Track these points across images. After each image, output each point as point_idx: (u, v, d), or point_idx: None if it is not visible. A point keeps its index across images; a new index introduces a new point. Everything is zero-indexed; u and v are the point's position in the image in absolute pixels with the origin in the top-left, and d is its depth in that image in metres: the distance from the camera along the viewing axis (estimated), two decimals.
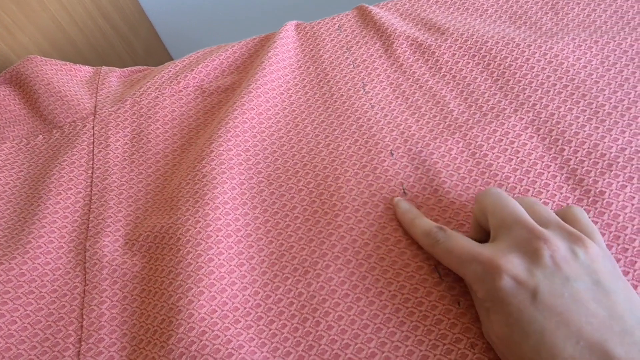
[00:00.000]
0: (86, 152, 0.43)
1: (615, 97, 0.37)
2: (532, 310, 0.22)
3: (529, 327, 0.22)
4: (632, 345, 0.21)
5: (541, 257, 0.24)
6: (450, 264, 0.28)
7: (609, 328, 0.21)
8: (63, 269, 0.36)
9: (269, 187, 0.38)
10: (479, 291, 0.25)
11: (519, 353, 0.23)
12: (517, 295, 0.23)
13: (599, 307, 0.22)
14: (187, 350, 0.29)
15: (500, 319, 0.24)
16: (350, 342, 0.30)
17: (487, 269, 0.25)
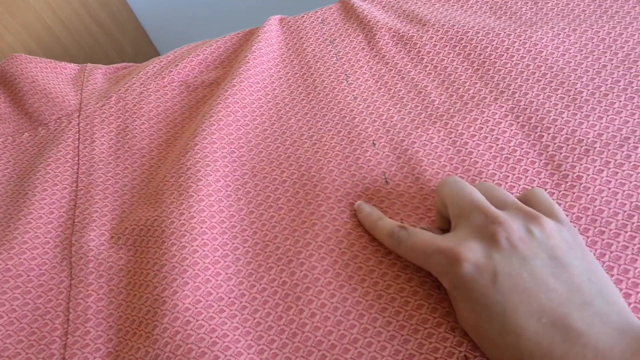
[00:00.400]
0: (72, 149, 0.43)
1: (593, 84, 0.38)
2: (494, 292, 0.23)
3: (492, 310, 0.23)
4: (593, 316, 0.21)
5: (497, 240, 0.24)
6: (417, 261, 0.29)
7: (570, 301, 0.22)
8: (49, 263, 0.36)
9: (253, 179, 0.38)
10: (444, 282, 0.26)
11: (487, 337, 0.23)
12: (478, 280, 0.24)
13: (558, 282, 0.22)
14: (172, 339, 0.30)
15: (466, 306, 0.24)
16: (333, 329, 0.30)
17: (449, 259, 0.25)
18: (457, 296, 0.26)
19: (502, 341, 0.22)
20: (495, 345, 0.23)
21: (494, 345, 0.23)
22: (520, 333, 0.22)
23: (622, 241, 0.30)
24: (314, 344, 0.30)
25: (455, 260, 0.25)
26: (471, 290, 0.24)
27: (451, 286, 0.26)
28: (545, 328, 0.21)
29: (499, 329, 0.22)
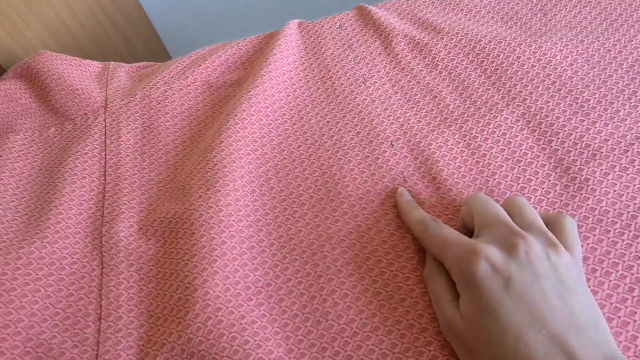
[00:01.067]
0: (98, 143, 0.45)
1: (599, 92, 0.40)
2: (504, 295, 0.25)
3: (498, 311, 0.24)
4: (586, 340, 0.23)
5: (517, 252, 0.26)
6: (434, 248, 0.30)
7: (569, 323, 0.24)
8: (80, 252, 0.38)
9: (277, 175, 0.40)
10: (455, 274, 0.27)
11: (485, 334, 0.25)
12: (492, 280, 0.25)
13: (562, 303, 0.25)
14: (204, 325, 0.32)
15: (470, 300, 0.26)
16: (355, 317, 0.32)
17: (467, 252, 0.27)
18: (463, 290, 0.27)
19: (500, 341, 0.24)
20: (490, 344, 0.24)
21: (489, 344, 0.24)
22: (521, 337, 0.23)
23: (626, 240, 0.32)
24: (337, 331, 0.31)
25: (475, 256, 0.27)
26: (481, 287, 0.26)
27: (462, 280, 0.27)
28: (544, 339, 0.23)
29: (501, 329, 0.24)
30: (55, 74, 0.49)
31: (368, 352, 0.30)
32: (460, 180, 0.37)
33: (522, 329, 0.24)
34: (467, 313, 0.26)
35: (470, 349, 0.26)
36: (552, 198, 0.35)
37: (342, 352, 0.31)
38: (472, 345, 0.26)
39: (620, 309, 0.30)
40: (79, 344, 0.33)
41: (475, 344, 0.25)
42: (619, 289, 0.31)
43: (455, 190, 0.36)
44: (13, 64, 0.56)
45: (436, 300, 0.29)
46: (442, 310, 0.28)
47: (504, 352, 0.23)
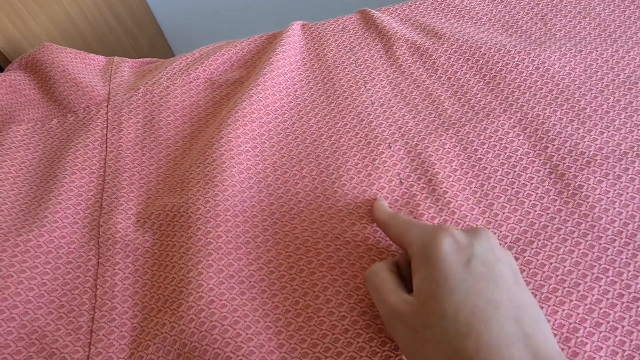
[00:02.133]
0: (100, 136, 0.45)
1: (596, 101, 0.41)
2: (464, 271, 0.25)
3: (457, 285, 0.24)
4: (538, 329, 0.24)
5: (480, 235, 0.27)
6: (399, 230, 0.31)
7: (524, 309, 0.24)
8: (77, 242, 0.38)
9: (274, 173, 0.40)
10: (416, 249, 0.27)
11: (438, 309, 0.24)
12: (454, 255, 0.26)
13: (517, 290, 0.25)
14: (196, 316, 0.32)
15: (428, 275, 0.26)
16: (346, 314, 0.32)
17: (433, 229, 0.28)
18: (421, 266, 0.26)
19: (454, 315, 0.23)
20: (442, 318, 0.24)
21: (441, 318, 0.24)
22: (476, 313, 0.23)
23: (617, 246, 0.33)
24: (328, 328, 0.32)
25: (441, 232, 0.27)
26: (443, 262, 0.25)
27: (422, 255, 0.27)
28: (500, 317, 0.23)
29: (456, 304, 0.24)
30: (59, 66, 0.50)
31: (358, 349, 0.30)
32: (455, 183, 0.37)
33: (479, 306, 0.24)
34: (422, 289, 0.26)
35: (417, 330, 0.25)
36: (545, 203, 0.35)
37: (332, 349, 0.31)
38: (421, 324, 0.25)
39: (609, 314, 0.30)
40: (73, 332, 0.33)
41: (425, 321, 0.25)
42: (608, 295, 0.31)
43: (450, 193, 0.37)
44: (18, 55, 0.57)
45: (378, 292, 0.28)
46: (385, 299, 0.27)
47: (457, 328, 0.23)
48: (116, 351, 0.32)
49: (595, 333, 0.30)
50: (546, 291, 0.31)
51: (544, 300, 0.31)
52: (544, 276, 0.32)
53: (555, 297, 0.31)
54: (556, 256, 0.33)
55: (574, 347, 0.29)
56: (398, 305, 0.26)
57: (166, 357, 0.31)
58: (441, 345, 0.24)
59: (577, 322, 0.30)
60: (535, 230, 0.34)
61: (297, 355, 0.31)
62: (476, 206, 0.36)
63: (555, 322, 0.30)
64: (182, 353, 0.31)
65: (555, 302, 0.31)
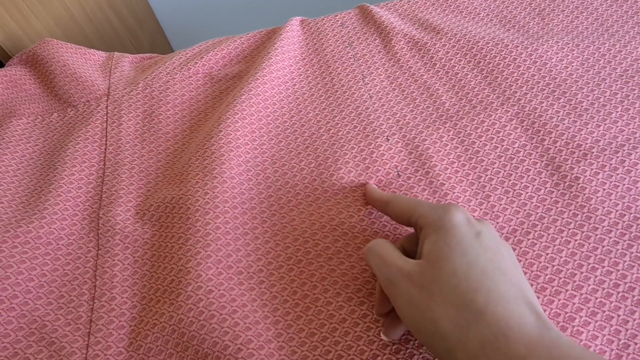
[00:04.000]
0: (100, 130, 0.45)
1: (593, 95, 0.41)
2: (475, 241, 0.26)
3: (468, 249, 0.26)
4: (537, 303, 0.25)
5: (487, 223, 0.29)
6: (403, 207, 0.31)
7: (524, 284, 0.25)
8: (77, 234, 0.39)
9: (273, 165, 0.41)
10: (428, 219, 0.28)
11: (449, 267, 0.25)
12: (466, 227, 0.27)
13: (517, 271, 0.26)
14: (195, 306, 0.32)
15: (439, 240, 0.26)
16: (344, 304, 0.32)
17: (446, 205, 0.29)
18: (433, 233, 0.27)
19: (467, 272, 0.25)
20: (453, 275, 0.25)
21: (453, 274, 0.25)
22: (487, 273, 0.25)
23: (613, 237, 0.33)
24: (326, 317, 0.32)
25: (454, 207, 0.28)
26: (456, 229, 0.26)
27: (434, 224, 0.27)
28: (505, 282, 0.25)
29: (468, 263, 0.25)
30: (60, 61, 0.50)
31: (355, 338, 0.31)
32: (453, 176, 0.37)
33: (488, 268, 0.25)
34: (432, 251, 0.26)
35: (424, 286, 0.25)
36: (542, 195, 0.36)
37: (329, 338, 0.31)
38: (429, 281, 0.25)
39: (605, 304, 0.30)
40: (72, 322, 0.34)
41: (434, 278, 0.25)
42: (604, 284, 0.31)
43: (447, 185, 0.37)
44: (19, 51, 0.57)
45: (381, 258, 0.28)
46: (390, 261, 0.28)
47: (467, 283, 0.24)
48: (115, 340, 0.32)
49: (591, 322, 0.30)
50: (542, 281, 0.32)
51: (540, 290, 0.31)
52: (540, 266, 0.32)
53: (552, 287, 0.31)
54: (552, 247, 0.33)
55: (570, 336, 0.29)
56: (405, 266, 0.27)
57: (165, 346, 0.32)
58: (449, 298, 0.24)
59: (573, 312, 0.30)
60: (532, 222, 0.34)
61: (294, 344, 0.31)
62: (473, 198, 0.36)
63: (551, 312, 0.30)
64: (181, 342, 0.31)
65: (552, 292, 0.31)
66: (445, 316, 0.24)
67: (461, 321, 0.23)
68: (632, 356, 0.28)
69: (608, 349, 0.29)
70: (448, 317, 0.24)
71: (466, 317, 0.23)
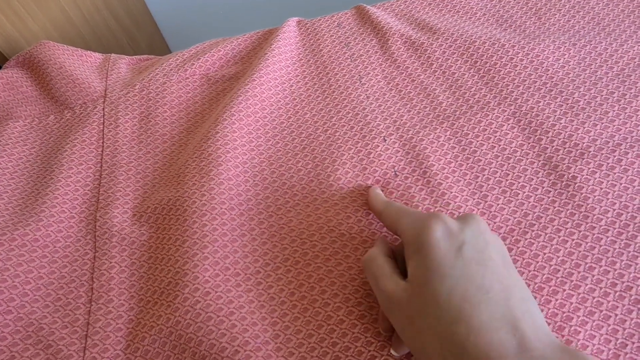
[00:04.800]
0: (97, 132, 0.45)
1: (589, 94, 0.41)
2: (456, 257, 0.25)
3: (448, 272, 0.25)
4: (527, 311, 0.24)
5: (471, 220, 0.28)
6: (392, 218, 0.31)
7: (512, 291, 0.25)
8: (74, 236, 0.38)
9: (270, 166, 0.40)
10: (409, 237, 0.28)
11: (432, 296, 0.25)
12: (446, 242, 0.26)
13: (507, 273, 0.26)
14: (192, 308, 0.32)
15: (420, 264, 0.26)
16: (342, 305, 0.32)
17: (426, 217, 0.28)
18: (414, 254, 0.27)
19: (447, 300, 0.24)
20: (436, 305, 0.24)
21: (435, 305, 0.24)
22: (467, 298, 0.24)
23: (610, 236, 0.33)
24: (323, 319, 0.32)
25: (433, 219, 0.27)
26: (435, 249, 0.26)
27: (414, 243, 0.27)
28: (489, 301, 0.24)
29: (448, 289, 0.24)
30: (56, 63, 0.50)
31: (353, 339, 0.31)
32: (450, 176, 0.37)
33: (469, 291, 0.24)
34: (416, 277, 0.26)
35: (413, 316, 0.25)
36: (539, 195, 0.36)
37: (327, 339, 0.31)
38: (416, 311, 0.25)
39: (602, 303, 0.30)
40: (69, 324, 0.34)
41: (420, 308, 0.25)
42: (601, 284, 0.31)
43: (445, 185, 0.37)
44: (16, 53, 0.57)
45: (375, 279, 0.28)
46: (382, 286, 0.28)
47: (449, 313, 0.24)
48: (112, 343, 0.32)
49: (588, 322, 0.30)
50: (539, 281, 0.32)
51: (538, 290, 0.31)
52: (537, 266, 0.32)
53: (549, 286, 0.31)
54: (550, 246, 0.33)
55: (567, 336, 0.29)
56: (395, 294, 0.27)
57: (162, 349, 0.32)
58: (435, 331, 0.24)
59: (570, 311, 0.30)
60: (529, 221, 0.34)
61: (292, 345, 0.31)
62: (470, 197, 0.36)
63: (548, 312, 0.30)
64: (178, 344, 0.31)
65: (549, 292, 0.31)
66: (433, 347, 0.24)
67: (446, 354, 0.23)
68: (630, 355, 0.28)
69: (605, 348, 0.29)
70: (435, 350, 0.24)
71: (450, 351, 0.23)
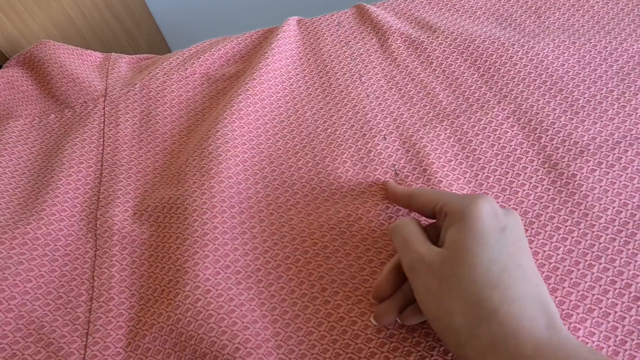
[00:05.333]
0: (97, 130, 0.45)
1: (589, 92, 0.41)
2: (499, 235, 0.26)
3: (492, 244, 0.25)
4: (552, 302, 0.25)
5: (513, 212, 0.28)
6: (428, 197, 0.31)
7: (542, 282, 0.26)
8: (75, 235, 0.39)
9: (270, 165, 0.41)
10: (453, 208, 0.28)
11: (471, 260, 0.25)
12: (492, 220, 0.26)
13: (534, 267, 0.27)
14: (193, 306, 0.32)
15: (464, 231, 0.26)
16: (342, 303, 0.32)
17: (473, 195, 0.28)
18: (457, 223, 0.27)
19: (487, 268, 0.25)
20: (473, 268, 0.25)
21: (473, 268, 0.25)
22: (507, 270, 0.25)
23: (610, 234, 0.33)
24: (324, 316, 0.32)
25: (481, 198, 0.27)
26: (482, 222, 0.26)
27: (458, 214, 0.27)
28: (525, 279, 0.25)
29: (490, 259, 0.25)
30: (57, 62, 0.50)
31: (353, 336, 0.31)
32: (450, 173, 0.38)
33: (509, 266, 0.25)
34: (455, 242, 0.26)
35: (443, 278, 0.25)
36: (539, 192, 0.36)
37: (327, 336, 0.31)
38: (449, 273, 0.25)
39: (601, 301, 0.30)
40: (70, 322, 0.34)
41: (454, 271, 0.25)
42: (601, 281, 0.31)
43: (445, 183, 0.37)
44: (16, 52, 0.57)
45: (405, 241, 0.28)
46: (414, 248, 0.28)
47: (486, 279, 0.24)
48: (113, 340, 0.32)
49: (587, 319, 0.30)
50: None
51: None
52: (537, 264, 0.32)
53: (548, 284, 0.31)
54: (549, 244, 0.33)
55: None
56: (427, 255, 0.27)
57: (162, 346, 0.32)
58: (465, 293, 0.24)
59: (570, 309, 0.30)
60: (529, 219, 0.34)
61: (292, 343, 0.31)
62: None
63: None
64: (179, 342, 0.31)
65: (548, 289, 0.31)
66: (459, 311, 0.24)
67: (473, 318, 0.24)
68: (629, 352, 0.28)
69: (605, 345, 0.29)
70: (462, 312, 0.24)
71: (479, 314, 0.24)
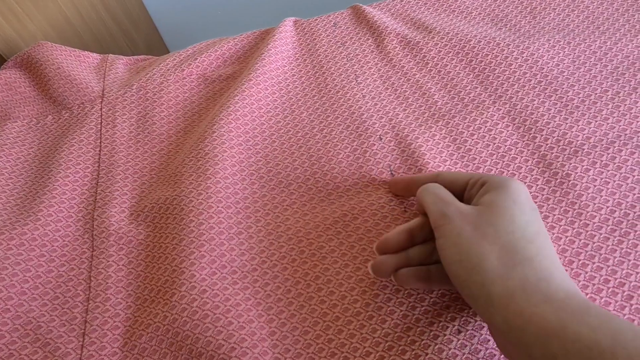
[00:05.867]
0: (94, 132, 0.46)
1: (584, 92, 0.41)
2: (533, 210, 0.28)
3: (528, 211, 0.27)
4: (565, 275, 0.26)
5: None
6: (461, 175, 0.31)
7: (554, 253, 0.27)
8: (72, 235, 0.39)
9: (267, 165, 0.41)
10: (492, 178, 0.29)
11: (511, 216, 0.26)
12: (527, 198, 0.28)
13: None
14: (189, 306, 0.32)
15: (503, 194, 0.27)
16: (337, 302, 0.33)
17: (508, 177, 0.29)
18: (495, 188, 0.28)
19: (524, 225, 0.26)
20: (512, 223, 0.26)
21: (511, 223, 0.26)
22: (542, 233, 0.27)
23: (604, 233, 0.33)
24: (319, 315, 0.32)
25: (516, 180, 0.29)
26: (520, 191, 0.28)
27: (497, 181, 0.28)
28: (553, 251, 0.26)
29: (527, 220, 0.26)
30: (54, 64, 0.50)
31: (348, 336, 0.31)
32: None
33: (542, 234, 0.27)
34: (494, 201, 0.27)
35: (480, 226, 0.26)
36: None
37: (323, 336, 0.31)
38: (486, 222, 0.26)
39: (595, 300, 0.31)
40: (67, 322, 0.34)
41: (492, 221, 0.26)
42: (594, 280, 0.31)
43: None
44: (14, 54, 0.57)
45: (439, 196, 0.29)
46: (449, 201, 0.29)
47: (523, 233, 0.26)
48: (110, 341, 0.33)
49: None
50: None
51: None
52: None
53: None
54: None
55: None
56: (462, 206, 0.28)
57: (159, 346, 0.32)
58: (502, 240, 0.25)
59: None
60: None
61: (288, 342, 0.31)
62: None
63: None
64: (175, 341, 0.31)
65: None
66: (493, 254, 0.25)
67: (508, 261, 0.25)
68: None
69: None
70: (496, 255, 0.25)
71: (513, 259, 0.25)
